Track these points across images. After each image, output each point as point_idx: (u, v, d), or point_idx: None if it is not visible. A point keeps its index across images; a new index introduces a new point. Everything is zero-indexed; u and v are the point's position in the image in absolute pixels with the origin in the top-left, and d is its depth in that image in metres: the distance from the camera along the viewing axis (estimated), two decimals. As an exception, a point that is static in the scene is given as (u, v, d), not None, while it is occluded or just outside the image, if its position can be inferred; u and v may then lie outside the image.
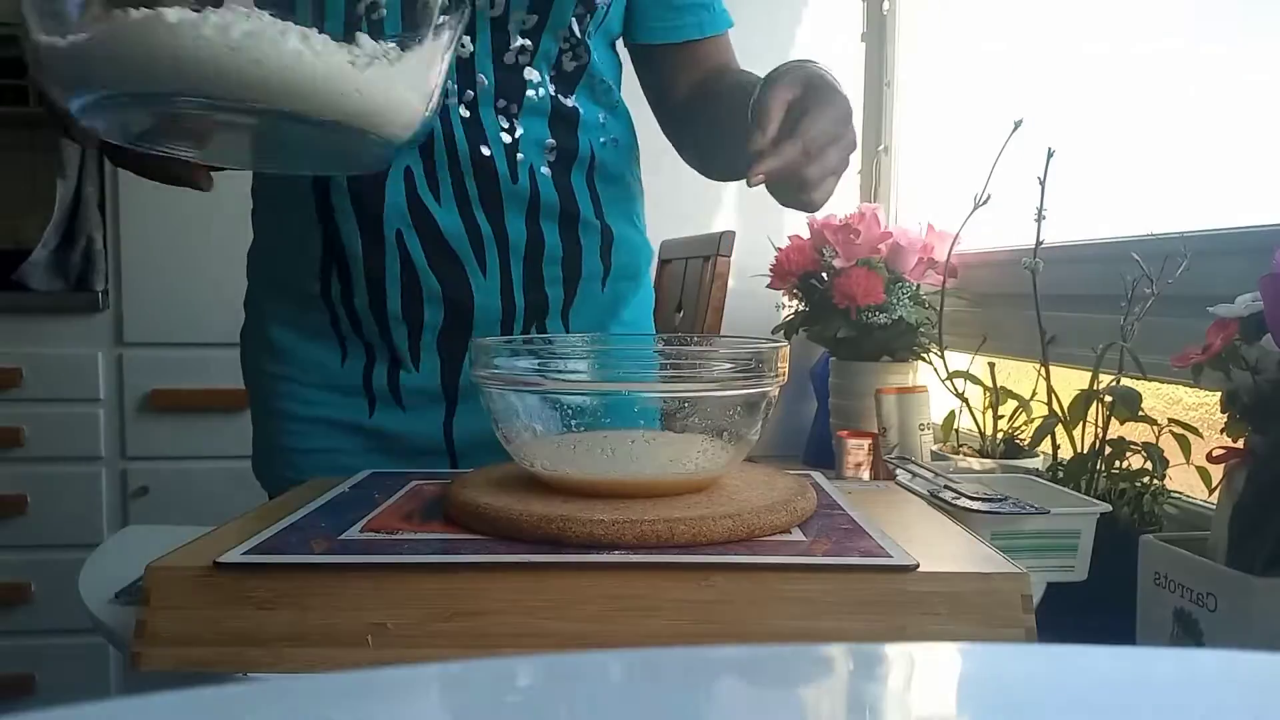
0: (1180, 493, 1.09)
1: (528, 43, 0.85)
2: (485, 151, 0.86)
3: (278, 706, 0.29)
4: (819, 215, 1.60)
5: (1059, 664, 0.32)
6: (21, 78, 2.22)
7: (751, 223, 1.90)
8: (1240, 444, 0.75)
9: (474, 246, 0.87)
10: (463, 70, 0.84)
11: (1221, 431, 0.78)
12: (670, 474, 0.65)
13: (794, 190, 0.74)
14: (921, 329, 1.49)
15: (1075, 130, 1.41)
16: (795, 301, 1.63)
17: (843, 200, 2.00)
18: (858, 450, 1.29)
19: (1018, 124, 1.24)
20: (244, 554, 0.56)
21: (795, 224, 1.70)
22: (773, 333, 1.66)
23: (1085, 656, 0.31)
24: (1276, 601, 0.67)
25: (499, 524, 0.60)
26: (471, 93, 0.85)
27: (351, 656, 0.54)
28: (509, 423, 0.68)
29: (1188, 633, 0.73)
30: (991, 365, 1.24)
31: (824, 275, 1.55)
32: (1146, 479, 0.98)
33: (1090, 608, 0.86)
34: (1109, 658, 0.32)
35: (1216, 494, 0.81)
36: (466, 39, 0.84)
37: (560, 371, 0.66)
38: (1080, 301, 1.25)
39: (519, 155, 0.87)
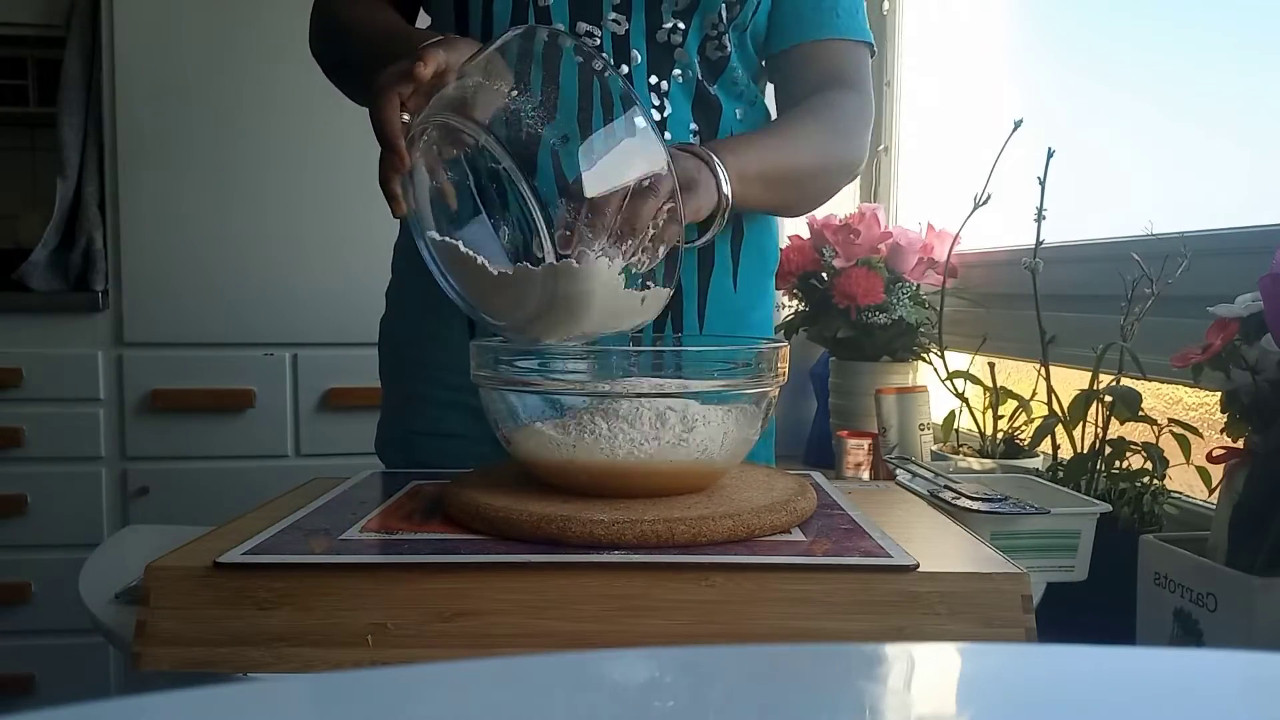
0: (1180, 493, 1.09)
1: (680, 24, 0.89)
2: (639, 123, 0.88)
3: (278, 706, 0.29)
4: (819, 215, 1.60)
5: (1059, 664, 0.32)
6: (22, 78, 2.22)
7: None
8: (1240, 444, 0.75)
9: None
10: (618, 46, 0.88)
11: (1221, 431, 0.78)
12: (670, 473, 0.65)
13: None
14: (921, 329, 1.49)
15: (1075, 130, 1.41)
16: (795, 301, 1.63)
17: (843, 200, 2.00)
18: (857, 450, 1.29)
19: (1018, 124, 1.24)
20: (244, 554, 0.56)
21: (795, 224, 1.70)
22: (773, 332, 1.65)
23: (1085, 656, 0.31)
24: (1276, 601, 0.67)
25: (499, 524, 0.60)
26: (626, 68, 0.88)
27: (351, 656, 0.54)
28: (509, 423, 0.68)
29: (1188, 633, 0.73)
30: (991, 365, 1.24)
31: (824, 275, 1.55)
32: (1146, 479, 0.98)
33: (1090, 608, 0.86)
34: (1109, 658, 0.32)
35: (1216, 494, 0.81)
36: (622, 16, 0.88)
37: (560, 371, 0.66)
38: (1080, 301, 1.25)
39: (667, 135, 0.89)
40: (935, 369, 1.34)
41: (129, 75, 1.96)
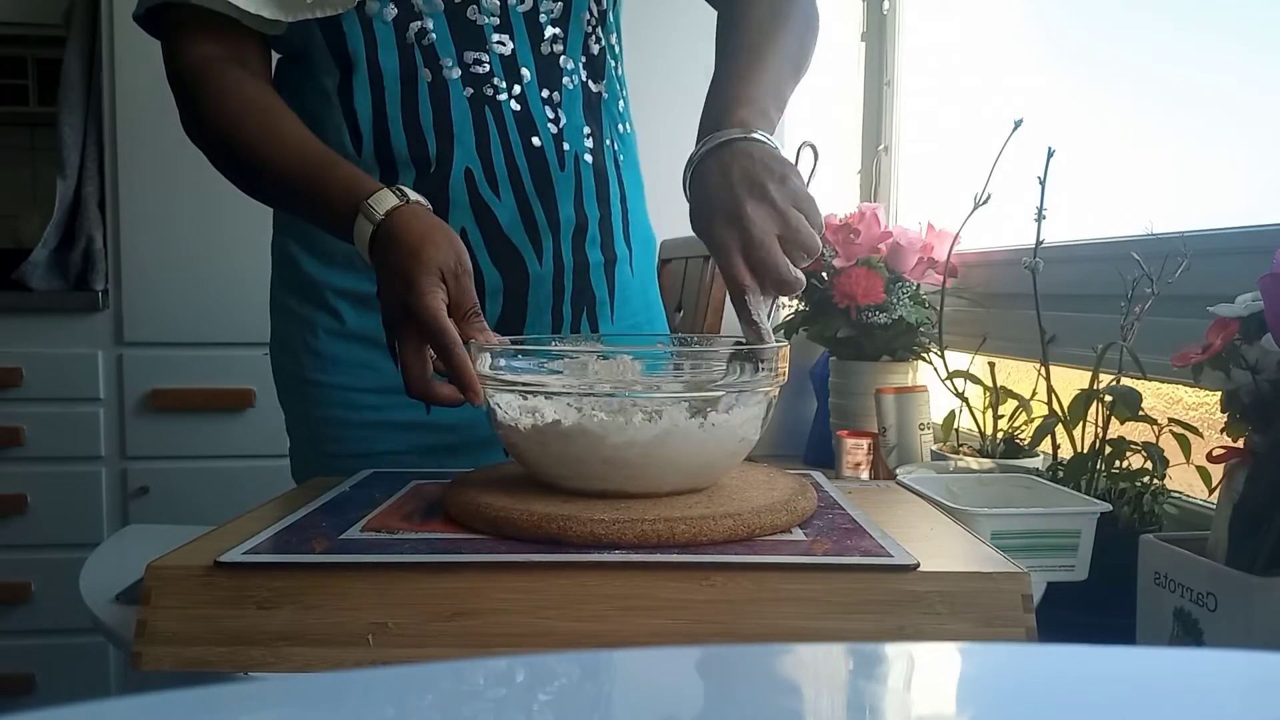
0: (1180, 493, 1.09)
1: (558, 31, 0.90)
2: (536, 142, 0.90)
3: (278, 706, 0.29)
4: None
5: (1059, 664, 0.32)
6: (22, 78, 2.22)
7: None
8: (1240, 444, 0.75)
9: (530, 234, 0.91)
10: (507, 67, 0.88)
11: (1221, 431, 0.78)
12: (671, 473, 0.65)
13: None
14: (921, 329, 1.49)
15: (1075, 130, 1.41)
16: (795, 301, 1.63)
17: (843, 200, 2.00)
18: (857, 450, 1.29)
19: (1018, 124, 1.24)
20: (244, 554, 0.56)
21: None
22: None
23: (1085, 656, 0.31)
24: (1276, 601, 0.67)
25: (499, 524, 0.60)
26: (518, 87, 0.89)
27: (351, 656, 0.54)
28: (509, 423, 0.68)
29: (1188, 633, 0.73)
30: (991, 365, 1.24)
31: (824, 275, 1.55)
32: (1146, 479, 0.98)
33: (1090, 608, 0.86)
34: (1109, 658, 0.32)
35: (1216, 494, 0.81)
36: (505, 36, 0.88)
37: (560, 372, 0.66)
38: (1080, 301, 1.25)
39: (565, 145, 0.91)
40: (935, 369, 1.34)
41: (129, 75, 1.95)
